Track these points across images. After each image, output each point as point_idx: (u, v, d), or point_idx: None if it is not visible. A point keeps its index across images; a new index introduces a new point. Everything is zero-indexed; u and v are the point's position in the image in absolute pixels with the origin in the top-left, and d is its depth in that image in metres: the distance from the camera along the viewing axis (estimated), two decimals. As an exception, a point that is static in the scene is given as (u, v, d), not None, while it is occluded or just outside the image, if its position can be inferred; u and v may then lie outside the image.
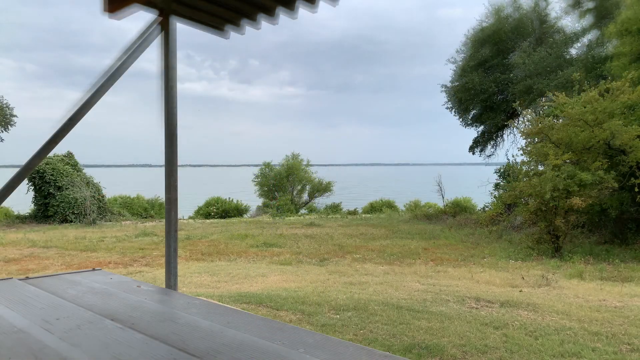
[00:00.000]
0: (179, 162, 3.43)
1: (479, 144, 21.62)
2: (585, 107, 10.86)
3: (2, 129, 20.80)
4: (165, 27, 3.30)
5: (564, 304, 5.73)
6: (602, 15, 15.88)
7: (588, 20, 16.83)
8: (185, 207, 22.80)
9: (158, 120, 3.34)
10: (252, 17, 3.89)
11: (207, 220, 20.38)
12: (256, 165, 29.78)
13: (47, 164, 18.14)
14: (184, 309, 2.58)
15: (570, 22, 17.93)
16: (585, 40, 17.11)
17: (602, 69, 13.22)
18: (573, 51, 17.44)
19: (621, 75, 11.28)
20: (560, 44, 16.82)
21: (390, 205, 26.27)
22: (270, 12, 3.74)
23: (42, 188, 18.06)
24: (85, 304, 2.61)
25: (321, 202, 28.49)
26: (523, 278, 7.80)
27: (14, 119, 21.21)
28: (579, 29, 17.10)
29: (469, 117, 20.66)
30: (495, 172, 19.06)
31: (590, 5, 16.55)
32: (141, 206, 22.86)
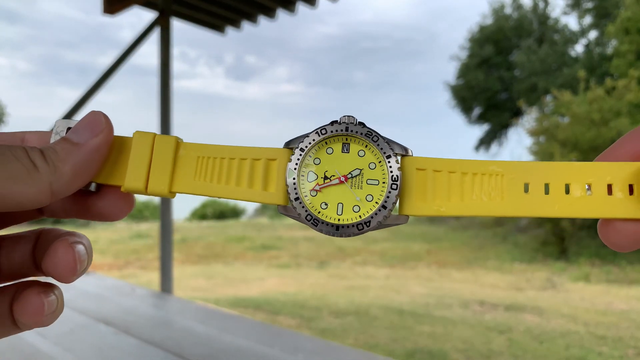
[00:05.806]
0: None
1: (483, 143, 21.56)
2: (591, 106, 10.83)
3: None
4: (164, 27, 3.29)
5: (569, 307, 5.66)
6: (601, 15, 15.88)
7: (588, 20, 16.86)
8: (181, 209, 22.79)
9: (154, 118, 3.31)
10: (251, 16, 3.86)
11: (203, 222, 20.34)
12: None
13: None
14: (180, 313, 2.55)
15: (571, 21, 18.05)
16: (588, 38, 17.11)
17: (608, 66, 13.18)
18: (579, 48, 17.40)
19: (626, 73, 11.24)
20: (564, 42, 16.80)
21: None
22: (269, 11, 3.71)
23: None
24: (79, 308, 2.57)
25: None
26: (528, 281, 7.73)
27: (7, 117, 21.20)
28: (578, 29, 17.12)
29: (473, 116, 20.61)
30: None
31: (590, 5, 16.58)
32: (135, 207, 22.74)
